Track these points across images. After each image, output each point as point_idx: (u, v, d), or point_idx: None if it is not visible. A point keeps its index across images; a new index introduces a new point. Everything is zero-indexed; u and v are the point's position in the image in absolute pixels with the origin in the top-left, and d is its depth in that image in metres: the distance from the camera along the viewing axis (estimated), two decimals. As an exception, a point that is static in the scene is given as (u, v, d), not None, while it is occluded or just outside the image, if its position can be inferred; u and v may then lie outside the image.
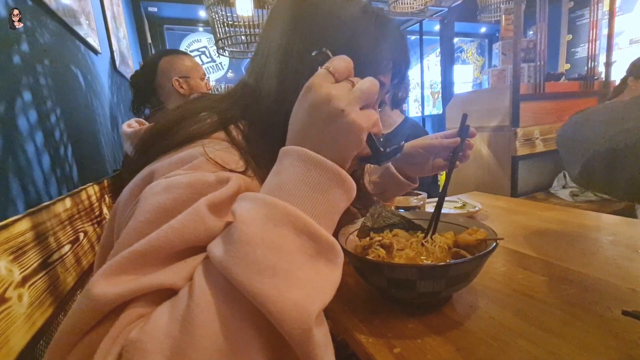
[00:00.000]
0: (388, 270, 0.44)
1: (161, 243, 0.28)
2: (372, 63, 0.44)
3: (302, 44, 0.44)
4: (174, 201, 0.31)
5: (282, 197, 0.29)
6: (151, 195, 0.32)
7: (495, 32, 4.72)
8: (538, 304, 0.47)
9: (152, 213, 0.31)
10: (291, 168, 0.31)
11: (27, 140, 0.66)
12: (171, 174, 0.34)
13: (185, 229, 0.29)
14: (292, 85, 0.41)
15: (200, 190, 0.32)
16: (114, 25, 1.82)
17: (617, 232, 0.73)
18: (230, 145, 0.41)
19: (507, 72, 2.12)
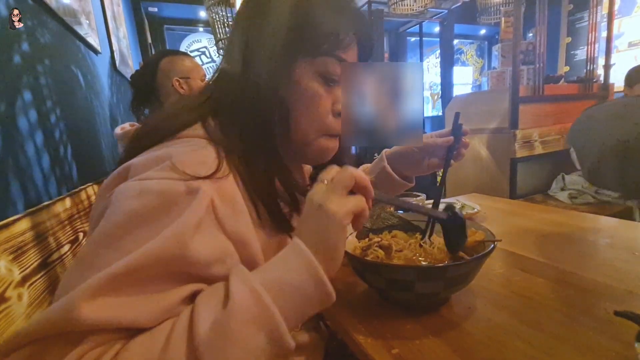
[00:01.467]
0: (386, 271, 0.44)
1: (138, 266, 0.30)
2: (324, 37, 0.44)
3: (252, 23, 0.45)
4: (144, 207, 0.33)
5: (278, 298, 0.32)
6: (123, 199, 0.34)
7: (495, 34, 4.74)
8: (535, 306, 0.47)
9: (122, 217, 0.32)
10: (298, 275, 0.33)
11: (27, 140, 0.66)
12: (144, 175, 0.35)
13: (163, 254, 0.31)
14: (255, 64, 0.43)
15: (170, 198, 0.34)
16: (114, 25, 1.82)
17: (615, 234, 0.74)
18: (208, 141, 0.41)
19: (507, 74, 2.13)
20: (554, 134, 2.14)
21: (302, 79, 0.44)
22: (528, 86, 2.06)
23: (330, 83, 0.45)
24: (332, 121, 0.46)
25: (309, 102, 0.44)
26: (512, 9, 2.04)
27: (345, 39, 0.45)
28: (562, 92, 2.25)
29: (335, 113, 0.46)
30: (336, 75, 0.45)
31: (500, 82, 2.20)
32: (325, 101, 0.45)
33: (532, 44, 2.06)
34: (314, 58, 0.43)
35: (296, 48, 0.43)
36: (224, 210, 0.37)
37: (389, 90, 0.50)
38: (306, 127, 0.45)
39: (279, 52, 0.42)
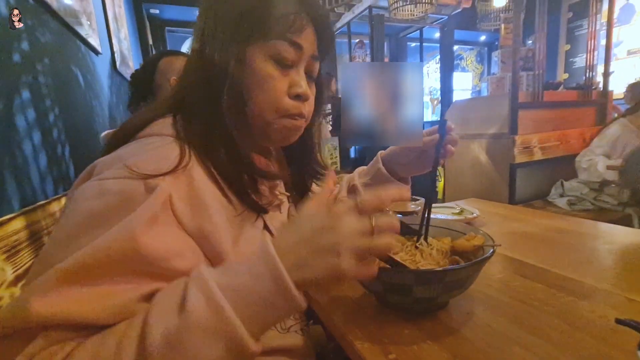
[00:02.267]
0: (385, 274, 0.44)
1: (88, 261, 0.30)
2: (273, 20, 0.44)
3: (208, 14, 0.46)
4: (103, 207, 0.33)
5: (238, 305, 0.30)
6: (83, 199, 0.34)
7: (495, 41, 4.77)
8: (534, 312, 0.47)
9: (81, 216, 0.33)
10: (262, 282, 0.31)
11: (24, 139, 0.65)
12: (103, 174, 0.36)
13: (113, 250, 0.31)
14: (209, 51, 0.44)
15: (130, 197, 0.34)
16: (116, 26, 1.82)
17: (614, 240, 0.73)
18: (174, 138, 0.42)
19: (506, 80, 2.13)
20: (554, 140, 2.14)
21: (255, 62, 0.44)
22: (527, 92, 2.06)
23: (283, 66, 0.46)
24: (289, 103, 0.46)
25: (263, 84, 0.45)
26: (512, 15, 2.06)
27: (295, 21, 0.45)
28: (562, 98, 2.25)
29: (291, 95, 0.46)
30: (289, 58, 0.45)
31: (499, 88, 2.21)
32: (279, 83, 0.45)
33: (532, 50, 2.07)
34: (265, 42, 0.44)
35: (247, 33, 0.43)
36: (182, 207, 0.37)
37: (389, 89, 0.50)
38: (262, 109, 0.46)
39: (230, 38, 0.43)
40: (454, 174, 2.44)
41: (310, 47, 0.48)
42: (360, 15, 3.19)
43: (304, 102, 0.48)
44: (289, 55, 0.45)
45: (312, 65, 0.50)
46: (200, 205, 0.39)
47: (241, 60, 0.43)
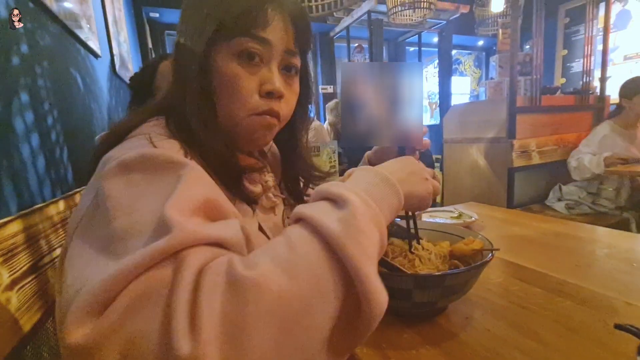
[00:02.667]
0: (384, 278, 0.43)
1: (196, 196, 0.30)
2: (234, 18, 0.43)
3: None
4: (137, 175, 0.32)
5: (377, 204, 0.33)
6: (113, 178, 0.31)
7: (492, 46, 4.80)
8: (533, 316, 0.47)
9: (126, 189, 0.31)
10: (383, 187, 0.37)
11: (22, 142, 0.65)
12: (124, 156, 0.33)
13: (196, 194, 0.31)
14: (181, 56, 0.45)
15: (153, 155, 0.33)
16: (115, 29, 1.83)
17: (613, 244, 0.74)
18: (170, 136, 0.42)
19: (504, 85, 2.15)
20: (551, 145, 2.15)
21: (222, 62, 0.44)
22: (525, 97, 2.08)
23: (251, 64, 0.44)
24: (258, 100, 0.45)
25: (230, 84, 0.44)
26: (509, 21, 2.07)
27: (258, 16, 0.43)
28: (559, 103, 2.27)
29: (262, 93, 0.45)
30: (256, 55, 0.44)
31: (497, 93, 2.22)
32: (247, 82, 0.44)
33: (529, 55, 2.09)
34: (229, 40, 0.43)
35: (211, 35, 0.43)
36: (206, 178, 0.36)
37: (389, 89, 0.50)
38: (231, 110, 0.45)
39: (197, 39, 0.43)
40: (452, 177, 2.45)
41: (282, 42, 0.46)
42: (359, 20, 3.22)
43: (279, 100, 0.47)
44: (255, 51, 0.44)
45: (289, 60, 0.48)
46: (214, 184, 0.38)
47: (206, 61, 0.43)
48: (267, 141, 0.50)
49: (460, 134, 2.33)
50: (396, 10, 2.56)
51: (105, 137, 0.46)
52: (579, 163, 1.96)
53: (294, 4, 0.48)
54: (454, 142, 2.38)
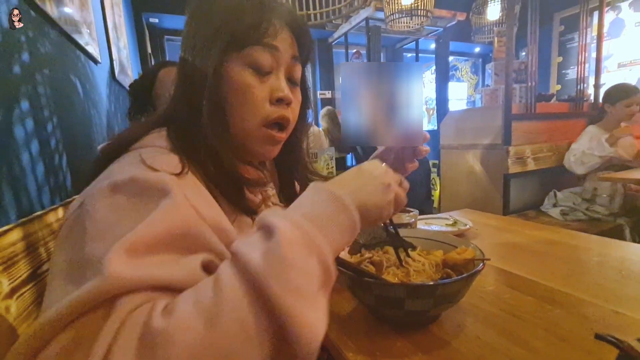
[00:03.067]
0: (377, 288, 0.45)
1: (150, 234, 0.30)
2: (244, 28, 0.44)
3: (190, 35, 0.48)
4: (124, 197, 0.33)
5: (316, 227, 0.32)
6: (101, 200, 0.33)
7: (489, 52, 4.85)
8: (524, 325, 0.48)
9: (109, 211, 0.32)
10: (326, 206, 0.34)
11: (22, 149, 0.66)
12: (113, 178, 0.35)
13: (169, 224, 0.31)
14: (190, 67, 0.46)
15: (146, 183, 0.34)
16: (115, 35, 1.84)
17: (604, 252, 0.75)
18: (170, 150, 0.42)
19: (500, 92, 2.18)
20: (546, 151, 2.18)
21: (233, 72, 0.45)
22: (520, 104, 2.10)
23: (262, 73, 0.46)
24: (269, 109, 0.46)
25: (242, 93, 0.45)
26: (505, 29, 2.11)
27: (268, 27, 0.45)
28: (554, 110, 2.30)
29: (273, 100, 0.46)
30: (266, 64, 0.46)
31: (493, 100, 2.25)
32: (258, 91, 0.45)
33: (524, 63, 2.12)
34: (240, 51, 0.45)
35: (222, 45, 0.44)
36: (198, 203, 0.37)
37: (389, 89, 0.50)
38: (244, 119, 0.46)
39: (207, 51, 0.44)
40: (449, 182, 2.46)
41: (289, 49, 0.48)
42: (357, 27, 3.25)
43: (288, 107, 0.48)
44: (265, 60, 0.45)
45: (293, 68, 0.50)
46: (211, 202, 0.40)
47: (218, 72, 0.44)
48: (273, 155, 0.52)
49: (457, 140, 2.35)
50: (394, 18, 2.59)
51: (107, 147, 0.47)
52: (578, 155, 1.98)
53: (298, 17, 0.50)
54: (451, 148, 2.40)
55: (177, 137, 0.45)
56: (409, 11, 2.51)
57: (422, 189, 1.74)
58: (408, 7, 2.47)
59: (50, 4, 0.89)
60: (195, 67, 0.45)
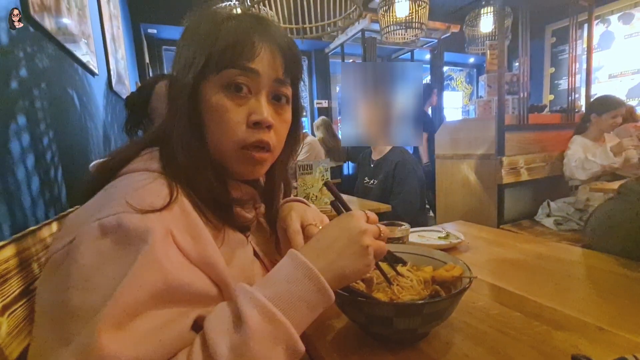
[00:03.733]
0: (366, 306, 0.45)
1: (129, 300, 0.31)
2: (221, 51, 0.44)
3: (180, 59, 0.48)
4: (110, 244, 0.34)
5: (286, 310, 0.34)
6: (87, 242, 0.34)
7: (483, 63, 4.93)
8: (511, 342, 0.49)
9: (91, 258, 0.33)
10: (301, 285, 0.36)
11: (17, 164, 0.67)
12: (102, 213, 0.36)
13: (145, 282, 0.32)
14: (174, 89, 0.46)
15: (134, 229, 0.35)
16: (113, 46, 1.86)
17: (592, 267, 0.76)
18: (158, 173, 0.43)
19: (493, 103, 2.21)
20: (539, 161, 2.21)
21: (210, 94, 0.45)
22: (513, 115, 2.14)
23: (239, 96, 0.45)
24: (245, 132, 0.45)
25: (217, 116, 0.45)
26: (497, 42, 2.15)
27: (245, 47, 0.44)
28: (546, 121, 2.34)
29: (250, 124, 0.45)
30: (244, 86, 0.45)
31: (486, 111, 2.28)
32: (234, 114, 0.45)
33: (516, 75, 2.16)
34: (217, 73, 0.44)
35: (201, 68, 0.44)
36: (184, 239, 0.38)
37: (389, 89, 0.51)
38: (220, 142, 0.46)
39: (187, 73, 0.45)
40: (444, 192, 2.48)
41: (271, 71, 0.46)
42: (353, 38, 3.31)
43: (268, 130, 0.47)
44: (243, 82, 0.45)
45: (278, 88, 0.48)
46: (198, 233, 0.40)
47: (195, 94, 0.45)
48: (259, 174, 0.51)
49: (451, 150, 2.37)
50: (389, 30, 2.63)
51: (100, 166, 0.47)
52: (579, 161, 1.99)
53: (282, 34, 0.49)
54: (445, 158, 2.43)
55: (168, 158, 0.45)
56: (404, 23, 2.55)
57: (417, 199, 1.75)
58: (403, 19, 2.52)
59: (49, 19, 0.91)
60: (177, 87, 0.46)
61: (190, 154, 0.44)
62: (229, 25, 0.46)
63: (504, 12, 2.14)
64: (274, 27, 0.49)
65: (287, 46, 0.49)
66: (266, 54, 0.46)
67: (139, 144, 0.49)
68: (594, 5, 2.41)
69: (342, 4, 1.40)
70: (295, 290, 0.35)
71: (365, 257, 0.40)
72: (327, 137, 2.97)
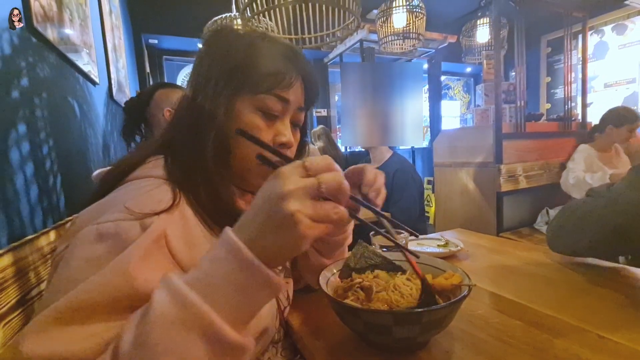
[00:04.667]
0: (364, 315, 0.45)
1: (84, 299, 0.31)
2: (262, 77, 0.47)
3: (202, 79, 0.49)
4: (102, 250, 0.35)
5: (205, 293, 0.29)
6: (82, 245, 0.35)
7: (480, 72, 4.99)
8: (511, 350, 0.48)
9: (80, 261, 0.34)
10: (223, 263, 0.30)
11: (17, 172, 0.67)
12: (102, 218, 0.37)
13: (107, 287, 0.32)
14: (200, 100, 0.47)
15: (127, 238, 0.35)
16: (114, 56, 1.88)
17: (591, 273, 0.76)
18: (163, 180, 0.44)
19: (490, 112, 2.23)
20: (537, 169, 2.22)
21: (243, 113, 0.48)
22: (510, 123, 2.15)
23: (270, 117, 0.49)
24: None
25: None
26: (493, 52, 2.18)
27: (283, 79, 0.48)
28: (543, 129, 2.36)
29: (276, 144, 0.50)
30: (276, 111, 0.49)
31: (484, 119, 2.30)
32: (264, 133, 0.49)
33: (513, 84, 2.18)
34: (254, 95, 0.48)
35: (237, 86, 0.47)
36: (178, 243, 0.39)
37: (389, 89, 0.54)
38: (247, 158, 0.48)
39: (221, 90, 0.47)
40: (443, 200, 2.48)
41: (297, 100, 0.52)
42: (352, 48, 3.35)
43: (288, 149, 0.52)
44: (276, 108, 0.49)
45: (298, 116, 0.54)
46: (194, 241, 0.41)
47: (229, 111, 0.47)
48: None
49: (450, 158, 2.38)
50: (387, 40, 2.67)
51: (107, 173, 0.48)
52: (577, 180, 1.99)
53: (310, 67, 0.54)
54: (444, 166, 2.44)
55: (174, 167, 0.46)
56: (402, 34, 2.59)
57: (415, 207, 1.75)
58: (400, 30, 2.56)
59: (52, 29, 0.92)
60: (204, 101, 0.47)
61: (217, 166, 0.46)
62: (268, 51, 0.49)
63: (499, 23, 2.17)
64: (305, 59, 0.54)
65: (312, 76, 0.55)
66: (298, 85, 0.52)
67: (144, 152, 0.50)
68: (587, 16, 2.45)
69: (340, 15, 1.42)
70: (218, 270, 0.30)
71: (293, 228, 0.29)
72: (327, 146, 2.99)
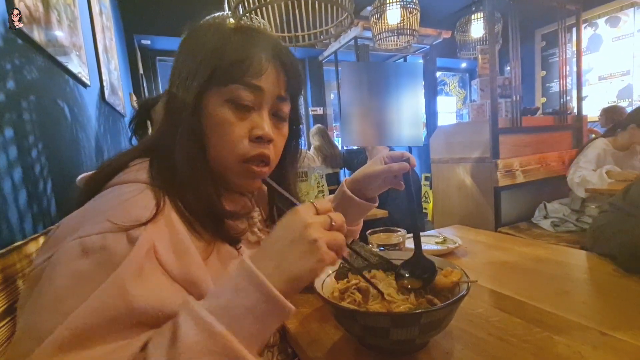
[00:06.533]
0: (361, 317, 0.44)
1: (84, 326, 0.30)
2: (229, 66, 0.45)
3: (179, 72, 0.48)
4: (89, 265, 0.33)
5: (229, 323, 0.31)
6: (66, 260, 0.33)
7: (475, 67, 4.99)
8: (512, 349, 0.47)
9: (66, 277, 0.32)
10: (245, 295, 0.33)
11: (4, 177, 0.65)
12: (85, 230, 0.35)
13: (105, 309, 0.31)
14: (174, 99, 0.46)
15: (114, 252, 0.34)
16: (106, 58, 1.86)
17: (592, 269, 0.75)
18: (146, 185, 0.42)
19: (486, 107, 2.22)
20: (534, 164, 2.21)
21: (214, 107, 0.45)
22: (506, 118, 2.15)
23: (243, 109, 0.46)
24: (248, 146, 0.46)
25: (221, 129, 0.45)
26: (488, 47, 2.17)
27: (252, 64, 0.45)
28: (539, 123, 2.35)
29: (252, 138, 0.46)
30: (247, 101, 0.46)
31: (480, 114, 2.30)
32: (237, 127, 0.46)
33: (508, 79, 2.18)
34: (223, 86, 0.45)
35: (204, 79, 0.44)
36: (167, 254, 0.37)
37: (389, 89, 0.51)
38: (221, 154, 0.46)
39: (190, 84, 0.44)
40: (441, 196, 2.48)
41: (274, 88, 0.48)
42: (346, 45, 3.33)
43: (268, 144, 0.48)
44: (247, 98, 0.45)
45: (279, 106, 0.50)
46: (183, 249, 0.39)
47: (198, 105, 0.44)
48: (254, 187, 0.51)
49: (447, 154, 2.38)
50: (381, 37, 2.66)
51: (90, 178, 0.46)
52: (581, 179, 1.98)
53: (287, 52, 0.50)
54: (441, 162, 2.43)
55: (158, 169, 0.45)
56: (396, 30, 2.58)
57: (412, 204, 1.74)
58: (395, 26, 2.54)
59: (38, 31, 0.90)
60: (177, 99, 0.45)
61: (192, 166, 0.44)
62: (236, 40, 0.46)
63: (493, 18, 2.16)
64: (280, 45, 0.50)
65: (290, 64, 0.50)
66: (271, 71, 0.47)
67: (128, 155, 0.48)
68: (581, 9, 2.45)
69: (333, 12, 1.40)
70: (241, 300, 0.32)
71: (315, 253, 0.34)
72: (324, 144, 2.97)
